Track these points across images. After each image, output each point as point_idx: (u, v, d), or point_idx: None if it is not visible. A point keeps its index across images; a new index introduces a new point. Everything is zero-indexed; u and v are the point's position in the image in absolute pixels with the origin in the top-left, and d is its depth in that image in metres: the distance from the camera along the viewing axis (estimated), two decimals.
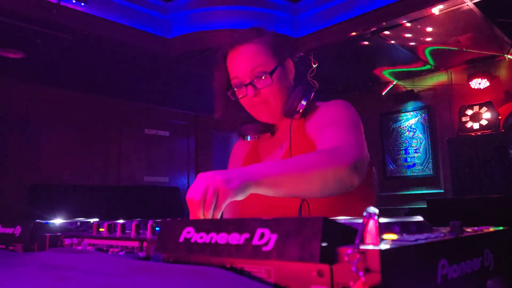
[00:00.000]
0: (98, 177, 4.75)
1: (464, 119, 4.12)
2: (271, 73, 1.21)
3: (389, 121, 5.16)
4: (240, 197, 0.87)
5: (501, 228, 0.63)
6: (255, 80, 1.22)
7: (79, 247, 0.84)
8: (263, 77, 1.22)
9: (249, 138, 1.36)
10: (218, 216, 0.84)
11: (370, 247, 0.40)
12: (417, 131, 4.88)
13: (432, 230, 0.64)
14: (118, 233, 0.80)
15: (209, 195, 0.83)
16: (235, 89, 1.27)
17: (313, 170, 0.95)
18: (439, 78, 4.58)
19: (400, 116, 5.05)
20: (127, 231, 0.82)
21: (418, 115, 4.86)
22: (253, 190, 0.89)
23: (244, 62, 1.24)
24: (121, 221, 0.91)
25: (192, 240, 0.56)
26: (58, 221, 1.06)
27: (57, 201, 4.01)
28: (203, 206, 0.83)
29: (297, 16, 3.75)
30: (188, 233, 0.57)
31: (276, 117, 1.28)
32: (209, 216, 0.83)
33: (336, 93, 5.15)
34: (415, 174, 4.86)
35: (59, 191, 4.28)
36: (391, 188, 4.99)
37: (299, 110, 1.23)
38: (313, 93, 1.25)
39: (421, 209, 4.10)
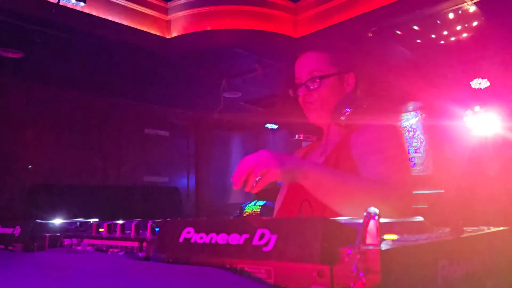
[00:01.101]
0: (98, 177, 4.74)
1: (464, 119, 4.12)
2: (320, 78, 1.37)
3: None
4: (285, 181, 1.12)
5: (501, 228, 0.63)
6: (309, 81, 1.39)
7: (79, 247, 0.84)
8: (315, 80, 1.37)
9: (297, 137, 1.48)
10: (257, 190, 0.99)
11: (371, 247, 0.40)
12: (417, 131, 4.88)
13: (432, 230, 0.64)
14: (118, 233, 0.80)
15: (259, 168, 0.97)
16: (294, 87, 1.45)
17: (357, 193, 1.05)
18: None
19: (400, 116, 5.05)
20: (126, 231, 0.82)
21: (418, 115, 4.86)
22: (299, 180, 1.03)
23: (305, 65, 1.42)
24: (120, 221, 0.91)
25: (192, 241, 0.56)
26: (57, 221, 1.06)
27: (56, 201, 4.00)
28: (249, 173, 0.98)
29: (297, 16, 3.74)
30: (188, 233, 0.57)
31: (323, 120, 1.41)
32: (252, 183, 0.99)
33: None
34: (415, 174, 4.86)
35: (59, 191, 4.28)
36: None
37: (341, 118, 1.32)
38: (362, 106, 1.33)
39: (421, 209, 4.10)
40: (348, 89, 1.41)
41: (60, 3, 2.85)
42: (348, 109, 1.30)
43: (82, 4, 2.96)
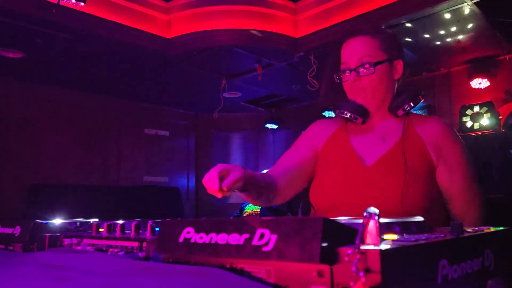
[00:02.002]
0: (98, 177, 4.74)
1: (464, 119, 4.12)
2: (375, 64, 1.32)
3: None
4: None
5: (501, 228, 0.63)
6: (360, 67, 1.33)
7: (79, 247, 0.84)
8: (367, 66, 1.32)
9: (345, 114, 1.39)
10: (227, 187, 1.08)
11: (371, 247, 0.40)
12: None
13: (432, 230, 0.64)
14: (118, 233, 0.80)
15: (219, 168, 1.11)
16: (342, 73, 1.39)
17: None
18: (439, 78, 4.57)
19: None
20: (126, 231, 0.82)
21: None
22: None
23: (354, 50, 1.35)
24: (120, 221, 0.91)
25: (192, 240, 0.56)
26: (57, 221, 1.06)
27: (56, 201, 4.00)
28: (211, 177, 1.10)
29: (297, 16, 3.74)
30: (188, 233, 0.57)
31: (371, 107, 1.37)
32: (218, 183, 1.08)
33: None
34: None
35: (59, 191, 4.28)
36: None
37: (402, 110, 1.33)
38: (422, 100, 1.37)
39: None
40: (396, 77, 1.39)
41: (60, 3, 2.85)
42: (408, 106, 1.33)
43: (82, 4, 2.96)
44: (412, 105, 1.33)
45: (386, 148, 1.32)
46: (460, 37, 3.53)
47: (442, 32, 3.41)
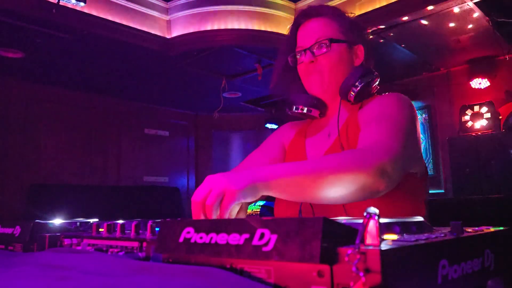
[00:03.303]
0: (98, 177, 4.75)
1: (464, 119, 4.12)
2: (330, 40, 1.19)
3: None
4: (249, 199, 0.84)
5: (501, 228, 0.63)
6: (315, 45, 1.20)
7: (79, 247, 0.83)
8: (323, 44, 1.19)
9: (296, 109, 1.25)
10: (223, 217, 0.81)
11: (371, 247, 0.40)
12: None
13: (433, 230, 0.64)
14: (118, 233, 0.80)
15: (212, 196, 0.80)
16: (296, 54, 1.26)
17: (329, 174, 0.87)
18: (439, 78, 4.57)
19: None
20: (126, 231, 0.82)
21: (419, 115, 4.86)
22: (264, 192, 0.85)
23: (311, 31, 1.23)
24: (120, 221, 0.91)
25: (192, 241, 0.56)
26: (57, 221, 1.06)
27: (56, 201, 4.01)
28: (204, 207, 0.81)
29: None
30: (188, 233, 0.57)
31: (328, 94, 1.22)
32: (212, 217, 0.81)
33: None
34: None
35: (59, 191, 4.28)
36: None
37: (352, 91, 1.15)
38: (375, 80, 1.18)
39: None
40: (357, 63, 1.25)
41: (60, 3, 2.85)
42: (359, 82, 1.14)
43: (82, 4, 2.96)
44: (359, 84, 1.14)
45: (328, 144, 1.20)
46: (460, 37, 3.53)
47: (442, 32, 3.41)
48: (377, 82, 1.20)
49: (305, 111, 1.24)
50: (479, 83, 4.10)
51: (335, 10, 1.28)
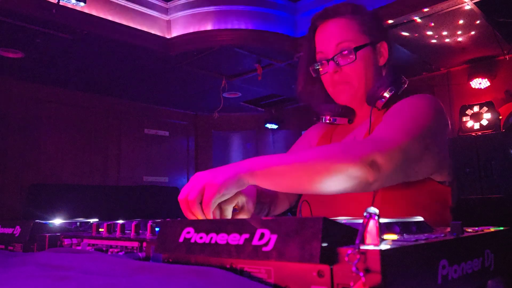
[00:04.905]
0: (98, 177, 4.74)
1: (464, 119, 4.12)
2: (355, 49, 1.11)
3: None
4: (233, 190, 0.83)
5: (501, 228, 0.63)
6: (338, 55, 1.13)
7: (79, 247, 0.84)
8: (346, 53, 1.12)
9: (324, 119, 1.20)
10: (210, 214, 0.81)
11: (371, 247, 0.40)
12: None
13: (433, 230, 0.64)
14: (118, 234, 0.80)
15: (193, 191, 0.81)
16: (318, 64, 1.19)
17: (316, 163, 0.84)
18: (439, 78, 4.57)
19: None
20: (126, 231, 0.82)
21: None
22: (250, 182, 0.84)
23: (331, 35, 1.15)
24: (120, 221, 0.91)
25: (192, 240, 0.56)
26: (57, 221, 1.06)
27: (56, 201, 4.00)
28: (187, 204, 0.81)
29: (297, 16, 3.75)
30: (188, 233, 0.57)
31: (356, 101, 1.17)
32: (199, 214, 0.81)
33: None
34: None
35: (59, 191, 4.28)
36: None
37: (382, 99, 1.09)
38: (403, 87, 1.12)
39: None
40: (382, 62, 1.18)
41: (60, 3, 2.85)
42: (389, 92, 1.08)
43: (82, 4, 2.96)
44: (388, 94, 1.08)
45: None
46: (460, 37, 3.53)
47: (442, 32, 3.41)
48: (404, 88, 1.13)
49: (334, 121, 1.20)
50: (479, 83, 4.10)
51: (355, 7, 1.19)
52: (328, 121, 1.20)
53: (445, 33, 3.43)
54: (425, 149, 0.96)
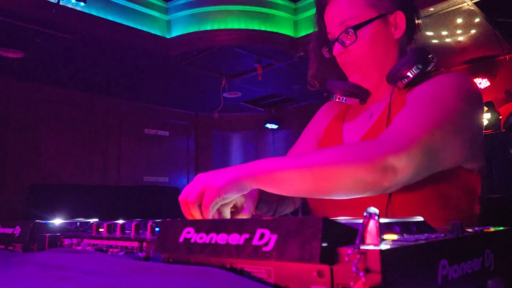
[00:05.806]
0: (98, 177, 4.75)
1: None
2: (355, 28, 1.04)
3: None
4: (234, 194, 0.81)
5: (501, 228, 0.63)
6: (343, 35, 1.06)
7: (79, 247, 0.84)
8: (348, 32, 1.05)
9: (334, 97, 1.13)
10: (209, 217, 0.80)
11: (371, 247, 0.40)
12: None
13: (433, 230, 0.64)
14: (118, 234, 0.80)
15: (193, 193, 0.81)
16: (331, 45, 1.11)
17: (323, 169, 0.79)
18: None
19: None
20: (126, 231, 0.82)
21: None
22: (253, 186, 0.82)
23: (334, 15, 1.09)
24: (120, 221, 0.91)
25: (192, 241, 0.56)
26: (57, 221, 1.06)
27: (56, 201, 4.00)
28: (187, 204, 0.82)
29: (297, 16, 3.75)
30: (188, 233, 0.57)
31: (370, 81, 1.10)
32: (198, 216, 0.81)
33: None
34: None
35: (59, 191, 4.28)
36: None
37: (404, 79, 1.00)
38: (430, 66, 1.01)
39: None
40: (398, 34, 1.08)
41: (60, 3, 2.85)
42: (416, 69, 0.98)
43: (82, 4, 2.96)
44: (411, 75, 0.98)
45: (367, 127, 1.08)
46: (460, 37, 3.53)
47: (442, 32, 3.41)
48: (432, 67, 1.02)
49: (343, 100, 1.12)
50: (479, 83, 4.10)
51: None
52: (338, 100, 1.13)
53: (445, 33, 3.43)
54: (454, 136, 0.88)
